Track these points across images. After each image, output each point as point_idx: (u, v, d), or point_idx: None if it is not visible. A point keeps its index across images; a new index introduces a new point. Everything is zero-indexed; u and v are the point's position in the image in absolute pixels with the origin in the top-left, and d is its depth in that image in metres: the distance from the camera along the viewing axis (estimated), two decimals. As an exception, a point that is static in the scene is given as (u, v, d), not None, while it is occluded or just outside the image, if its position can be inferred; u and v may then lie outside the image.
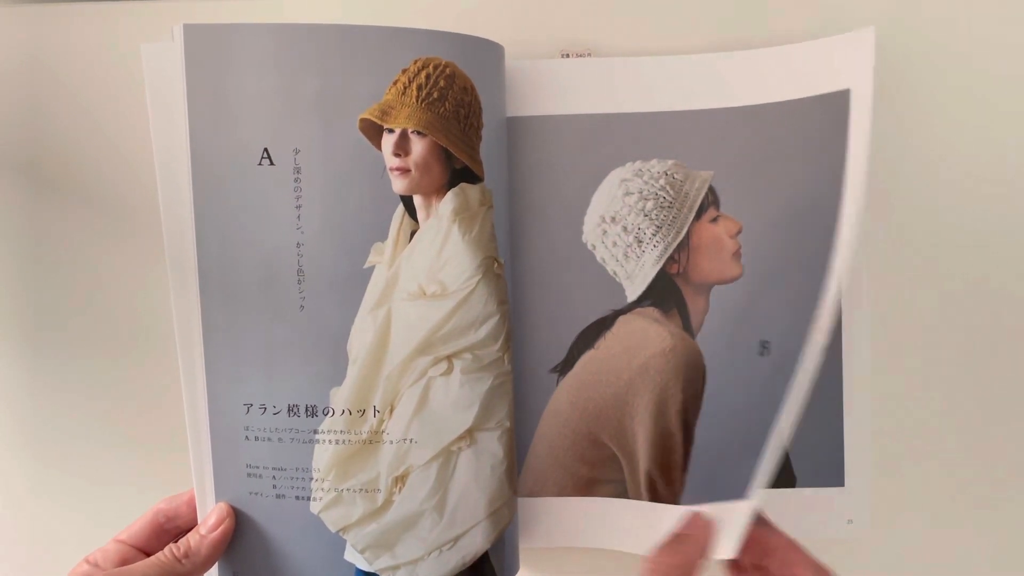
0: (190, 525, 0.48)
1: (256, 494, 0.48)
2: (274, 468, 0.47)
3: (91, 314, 0.55)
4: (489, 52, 0.49)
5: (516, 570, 0.51)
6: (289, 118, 0.46)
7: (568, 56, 0.53)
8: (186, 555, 0.45)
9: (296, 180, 0.47)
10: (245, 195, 0.46)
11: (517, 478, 0.52)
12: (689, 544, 0.45)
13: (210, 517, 0.47)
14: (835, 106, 0.52)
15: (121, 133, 0.54)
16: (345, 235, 0.47)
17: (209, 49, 0.45)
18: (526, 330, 0.53)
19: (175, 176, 0.46)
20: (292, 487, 0.47)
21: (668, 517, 0.53)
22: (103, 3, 0.53)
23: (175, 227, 0.47)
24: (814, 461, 0.54)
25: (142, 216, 0.54)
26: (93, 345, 0.55)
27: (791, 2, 0.53)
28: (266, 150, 0.46)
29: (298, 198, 0.47)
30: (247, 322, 0.47)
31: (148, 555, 0.46)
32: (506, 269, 0.50)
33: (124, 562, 0.45)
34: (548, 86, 0.52)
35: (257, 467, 0.48)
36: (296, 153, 0.46)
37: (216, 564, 0.48)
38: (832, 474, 0.54)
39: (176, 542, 0.46)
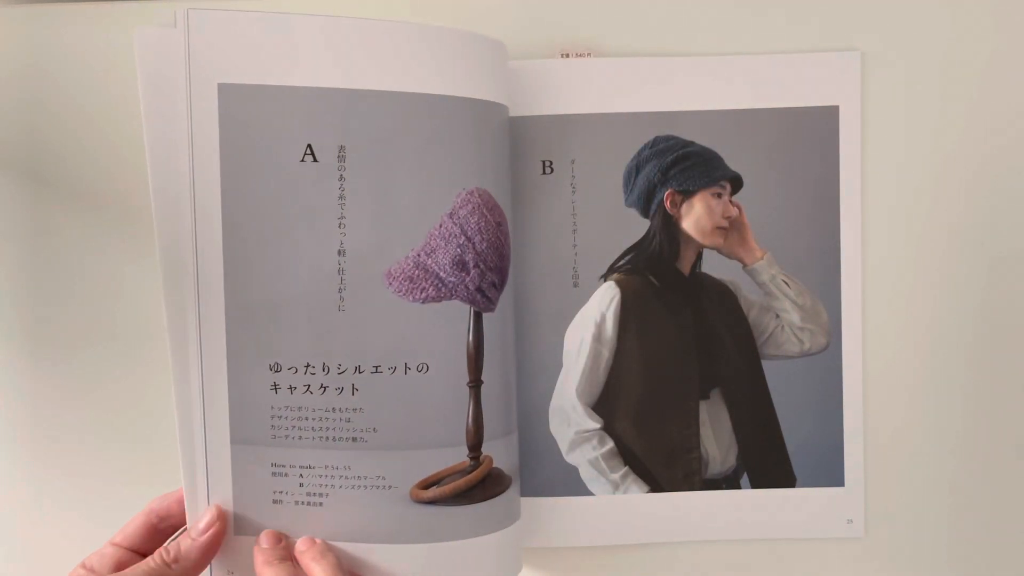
0: (183, 523, 0.48)
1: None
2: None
3: (91, 314, 0.54)
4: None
5: (518, 570, 0.51)
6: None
7: (568, 56, 0.53)
8: (176, 559, 0.45)
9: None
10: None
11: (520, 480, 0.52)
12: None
13: (201, 519, 0.46)
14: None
15: (119, 132, 0.53)
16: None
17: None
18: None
19: (171, 171, 0.45)
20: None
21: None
22: (101, 3, 0.53)
23: (169, 224, 0.46)
24: (814, 461, 0.54)
25: (141, 215, 0.53)
26: (92, 345, 0.54)
27: (788, 10, 0.53)
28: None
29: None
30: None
31: (144, 556, 0.45)
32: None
33: (120, 565, 0.45)
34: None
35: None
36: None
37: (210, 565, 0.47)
38: (832, 474, 0.54)
39: (167, 545, 0.46)
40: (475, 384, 0.48)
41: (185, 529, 0.47)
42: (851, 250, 0.53)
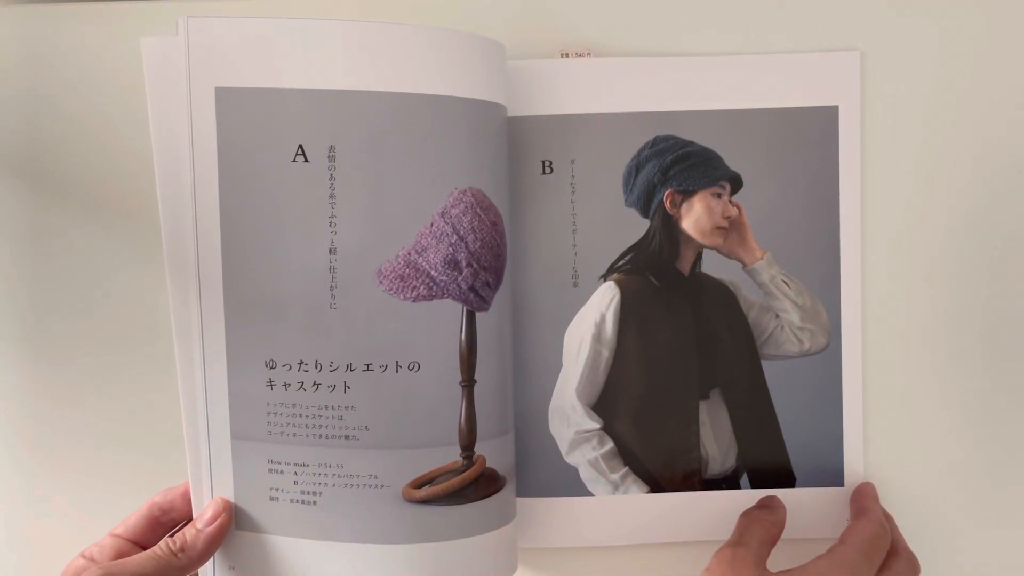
0: (185, 517, 0.48)
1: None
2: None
3: (91, 314, 0.55)
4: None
5: (514, 570, 0.51)
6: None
7: (568, 56, 0.53)
8: (182, 549, 0.45)
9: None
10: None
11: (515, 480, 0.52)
12: (779, 508, 0.51)
13: (206, 511, 0.47)
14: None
15: (121, 133, 0.54)
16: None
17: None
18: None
19: (175, 172, 0.46)
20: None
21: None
22: (103, 3, 0.54)
23: (174, 224, 0.46)
24: (814, 461, 0.54)
25: (142, 216, 0.54)
26: (93, 345, 0.55)
27: (788, 11, 0.53)
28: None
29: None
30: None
31: (144, 548, 0.46)
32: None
33: (120, 556, 0.45)
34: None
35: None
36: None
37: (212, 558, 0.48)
38: (832, 474, 0.54)
39: (172, 535, 0.46)
40: (468, 384, 0.48)
41: (189, 522, 0.47)
42: (851, 250, 0.53)
